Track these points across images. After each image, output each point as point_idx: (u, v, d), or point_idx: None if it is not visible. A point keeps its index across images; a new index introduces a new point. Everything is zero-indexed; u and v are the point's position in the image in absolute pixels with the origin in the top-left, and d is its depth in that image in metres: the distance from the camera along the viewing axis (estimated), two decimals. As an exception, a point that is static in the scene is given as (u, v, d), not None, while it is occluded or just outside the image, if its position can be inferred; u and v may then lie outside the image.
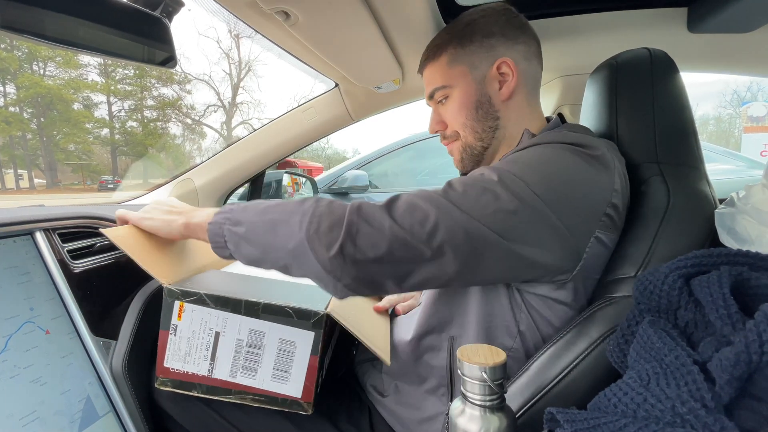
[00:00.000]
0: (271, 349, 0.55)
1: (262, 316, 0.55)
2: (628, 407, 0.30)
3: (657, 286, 0.37)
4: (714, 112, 21.31)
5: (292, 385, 0.56)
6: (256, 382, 0.56)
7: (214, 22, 22.41)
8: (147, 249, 0.59)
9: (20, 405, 0.48)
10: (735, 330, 0.29)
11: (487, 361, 0.37)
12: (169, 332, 0.55)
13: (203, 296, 0.54)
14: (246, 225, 0.48)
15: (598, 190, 0.50)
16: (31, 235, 0.57)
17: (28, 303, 0.53)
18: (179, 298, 0.54)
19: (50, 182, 18.25)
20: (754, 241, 0.48)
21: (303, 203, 0.47)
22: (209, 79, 20.96)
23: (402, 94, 1.17)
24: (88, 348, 0.57)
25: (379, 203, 0.46)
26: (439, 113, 0.67)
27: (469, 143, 0.65)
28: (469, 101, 0.63)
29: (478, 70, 0.62)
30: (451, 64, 0.63)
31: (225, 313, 0.55)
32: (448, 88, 0.64)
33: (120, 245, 0.55)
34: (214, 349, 0.55)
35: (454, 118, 0.65)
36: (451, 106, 0.64)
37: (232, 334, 0.55)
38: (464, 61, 0.62)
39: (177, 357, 0.55)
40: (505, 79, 0.61)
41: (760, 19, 0.78)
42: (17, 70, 17.77)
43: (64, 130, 18.20)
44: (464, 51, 0.62)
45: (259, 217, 0.48)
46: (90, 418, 0.54)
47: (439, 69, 0.64)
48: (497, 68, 0.61)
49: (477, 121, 0.63)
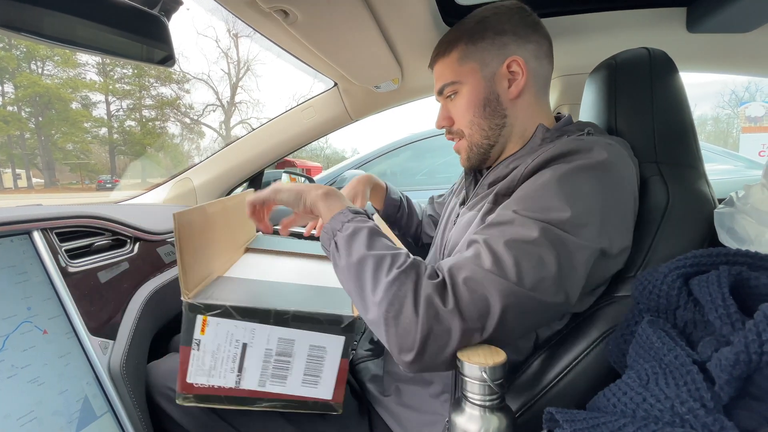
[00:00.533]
0: (302, 355, 0.54)
1: (291, 324, 0.53)
2: (627, 407, 0.30)
3: (656, 285, 0.37)
4: (712, 113, 21.36)
5: (322, 389, 0.55)
6: (286, 388, 0.55)
7: (213, 21, 22.38)
8: (196, 247, 0.57)
9: (18, 405, 0.47)
10: (734, 330, 0.29)
11: (487, 361, 0.37)
12: (192, 348, 0.52)
13: (229, 309, 0.51)
14: (343, 260, 0.49)
15: (629, 208, 0.52)
16: (28, 234, 0.57)
17: (25, 303, 0.53)
18: (202, 312, 0.51)
19: (48, 181, 18.19)
20: (754, 241, 0.48)
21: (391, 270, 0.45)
22: (208, 79, 20.92)
23: (401, 94, 1.17)
24: (86, 348, 0.56)
25: (442, 282, 0.44)
26: (447, 109, 0.67)
27: (475, 141, 0.65)
28: (477, 98, 0.62)
29: (488, 68, 0.61)
30: (461, 61, 0.63)
31: (252, 324, 0.52)
32: (458, 84, 0.63)
33: (179, 232, 0.52)
34: (241, 361, 0.53)
35: (462, 115, 0.64)
36: (460, 102, 0.64)
37: (261, 344, 0.53)
38: (475, 58, 0.62)
39: (201, 372, 0.53)
40: (515, 78, 0.61)
41: (758, 19, 0.78)
42: (15, 69, 17.71)
43: (62, 129, 18.14)
44: (475, 48, 0.61)
45: (354, 268, 0.48)
46: (88, 419, 0.53)
47: (450, 65, 0.64)
48: (507, 66, 0.60)
49: (484, 119, 0.63)
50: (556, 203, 0.46)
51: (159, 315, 0.73)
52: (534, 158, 0.53)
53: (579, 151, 0.50)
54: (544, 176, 0.49)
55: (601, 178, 0.49)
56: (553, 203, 0.46)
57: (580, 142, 0.51)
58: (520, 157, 0.60)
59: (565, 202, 0.46)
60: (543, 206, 0.46)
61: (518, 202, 0.49)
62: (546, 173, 0.50)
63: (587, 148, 0.50)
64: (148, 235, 0.79)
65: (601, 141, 0.53)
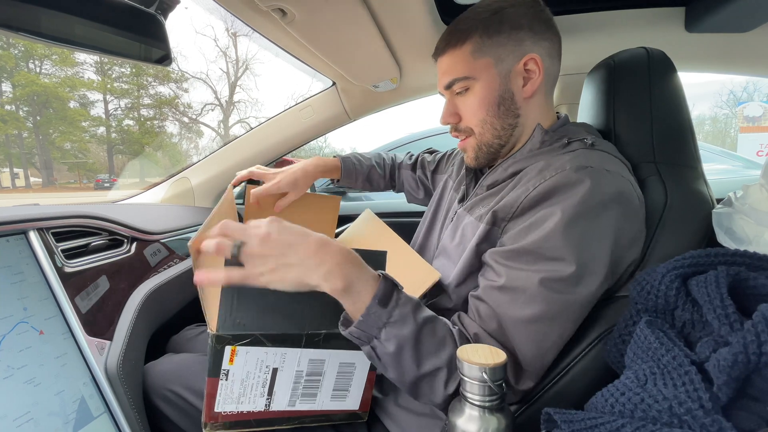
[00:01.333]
0: (332, 373, 0.54)
1: (322, 345, 0.52)
2: (626, 407, 0.30)
3: (654, 286, 0.37)
4: (710, 113, 21.40)
5: (350, 401, 0.56)
6: (315, 405, 0.55)
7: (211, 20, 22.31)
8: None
9: (14, 406, 0.47)
10: (733, 330, 0.29)
11: (487, 362, 0.37)
12: (220, 378, 0.50)
13: (259, 337, 0.49)
14: (391, 372, 0.48)
15: (640, 231, 0.53)
16: (24, 234, 0.57)
17: (21, 303, 0.52)
18: (230, 343, 0.49)
19: (46, 181, 18.14)
20: (752, 241, 0.48)
21: (448, 383, 0.47)
22: (206, 78, 20.85)
23: (399, 93, 1.17)
24: (83, 348, 0.56)
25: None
26: (455, 105, 0.63)
27: (486, 141, 0.62)
28: (491, 96, 0.59)
29: (503, 64, 0.58)
30: (475, 54, 0.58)
31: (283, 349, 0.51)
32: (470, 80, 0.59)
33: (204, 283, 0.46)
34: (271, 385, 0.52)
35: (473, 113, 0.61)
36: (471, 99, 0.60)
37: (291, 367, 0.52)
38: (490, 52, 0.58)
39: (229, 400, 0.51)
40: (530, 77, 0.58)
41: (757, 19, 0.78)
42: (13, 68, 17.64)
43: (60, 128, 18.08)
44: (491, 42, 0.57)
45: (406, 385, 0.48)
46: (84, 419, 0.53)
47: (462, 58, 0.59)
48: (524, 64, 0.58)
49: (497, 118, 0.60)
50: (562, 255, 0.47)
51: (156, 315, 0.72)
52: (538, 180, 0.51)
53: (584, 181, 0.48)
54: (551, 219, 0.48)
55: (611, 215, 0.49)
56: (559, 254, 0.47)
57: (585, 173, 0.49)
58: (519, 161, 0.59)
59: (572, 254, 0.47)
60: (549, 258, 0.48)
61: (523, 257, 0.49)
62: (552, 213, 0.48)
63: (595, 178, 0.49)
64: (145, 235, 0.79)
65: (605, 160, 0.52)
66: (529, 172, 0.55)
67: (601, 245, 0.48)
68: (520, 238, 0.51)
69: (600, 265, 0.49)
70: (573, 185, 0.49)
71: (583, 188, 0.48)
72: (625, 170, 0.54)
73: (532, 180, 0.52)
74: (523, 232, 0.50)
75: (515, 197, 0.53)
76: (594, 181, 0.48)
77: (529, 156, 0.58)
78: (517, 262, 0.50)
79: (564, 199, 0.48)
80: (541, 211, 0.50)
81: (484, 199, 0.61)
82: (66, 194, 16.07)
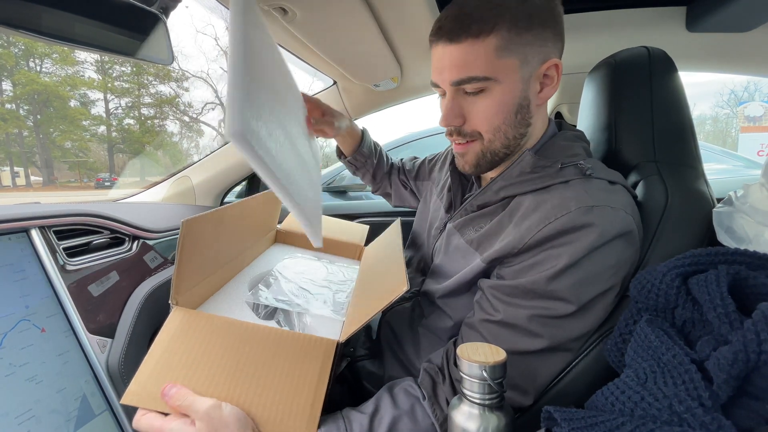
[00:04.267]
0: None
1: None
2: (626, 406, 0.30)
3: (655, 285, 0.37)
4: (711, 112, 21.40)
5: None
6: None
7: (212, 19, 22.30)
8: (195, 257, 0.54)
9: (16, 403, 0.47)
10: (733, 329, 0.29)
11: (487, 360, 0.37)
12: None
13: None
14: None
15: (632, 261, 0.52)
16: (26, 232, 0.57)
17: (23, 301, 0.53)
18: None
19: (47, 180, 18.13)
20: (752, 240, 0.48)
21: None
22: (207, 77, 20.87)
23: (400, 92, 1.17)
24: (84, 346, 0.56)
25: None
26: (461, 105, 0.54)
27: (493, 148, 0.55)
28: (511, 103, 0.52)
29: (527, 67, 0.51)
30: (500, 52, 0.49)
31: None
32: (491, 81, 0.50)
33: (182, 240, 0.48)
34: None
35: (486, 119, 0.53)
36: (487, 103, 0.52)
37: None
38: (517, 51, 0.49)
39: None
40: (547, 83, 0.53)
41: (758, 18, 0.78)
42: (13, 67, 17.64)
43: (60, 127, 18.08)
44: (520, 40, 0.49)
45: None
46: (86, 417, 0.53)
47: (484, 53, 0.49)
48: (546, 69, 0.52)
49: (512, 127, 0.53)
50: (564, 296, 0.48)
51: (157, 313, 0.72)
52: (541, 221, 0.49)
53: (591, 225, 0.47)
54: (556, 261, 0.48)
55: (614, 253, 0.49)
56: (561, 296, 0.48)
57: (592, 215, 0.48)
58: (511, 185, 0.56)
59: (574, 295, 0.48)
60: (550, 298, 0.48)
61: (524, 294, 0.50)
62: (559, 255, 0.48)
63: (601, 220, 0.48)
64: (146, 234, 0.79)
65: (606, 192, 0.51)
66: (526, 204, 0.53)
67: (605, 284, 0.49)
68: (521, 275, 0.50)
69: (601, 304, 0.50)
70: (580, 229, 0.47)
71: (590, 234, 0.47)
72: (624, 195, 0.53)
73: (534, 219, 0.50)
74: (526, 269, 0.50)
75: (518, 238, 0.50)
76: (600, 224, 0.47)
77: (520, 181, 0.55)
78: (517, 298, 0.50)
79: (570, 242, 0.48)
80: (546, 252, 0.49)
81: (474, 219, 0.60)
82: (66, 193, 16.06)
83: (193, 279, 0.55)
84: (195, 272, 0.55)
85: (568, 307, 0.48)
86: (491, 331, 0.51)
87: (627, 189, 0.55)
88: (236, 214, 0.64)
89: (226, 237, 0.63)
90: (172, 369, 0.45)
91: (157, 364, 0.45)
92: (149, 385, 0.43)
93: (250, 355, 0.48)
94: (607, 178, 0.54)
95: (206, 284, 0.59)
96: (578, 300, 0.48)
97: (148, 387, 0.43)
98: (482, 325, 0.52)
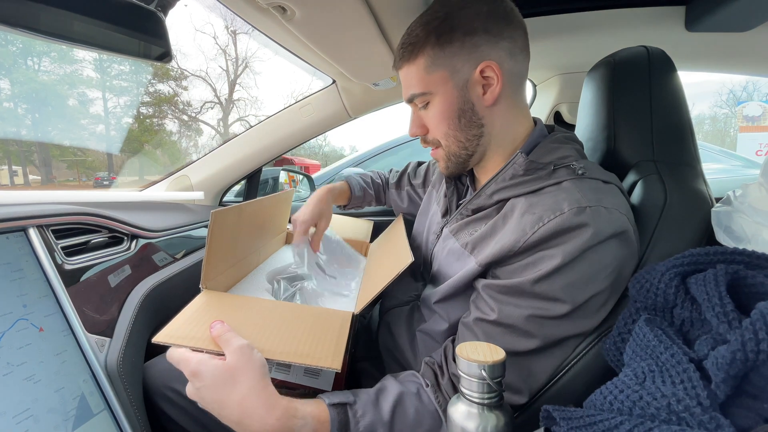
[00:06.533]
0: (300, 367, 0.58)
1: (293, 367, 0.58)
2: (624, 405, 0.30)
3: (653, 284, 0.37)
4: (710, 112, 21.43)
5: (323, 381, 0.58)
6: (290, 377, 0.58)
7: (211, 17, 22.24)
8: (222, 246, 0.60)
9: (13, 403, 0.47)
10: (731, 328, 0.29)
11: (486, 359, 0.37)
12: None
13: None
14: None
15: (635, 256, 0.53)
16: (24, 231, 0.56)
17: (21, 300, 0.52)
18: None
19: (45, 178, 18.08)
20: (751, 240, 0.48)
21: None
22: (206, 76, 20.81)
23: (399, 91, 1.16)
24: (83, 345, 0.56)
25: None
26: (419, 117, 0.62)
27: (453, 152, 0.61)
28: (450, 109, 0.57)
29: (459, 74, 0.55)
30: (429, 69, 0.56)
31: None
32: (428, 95, 0.58)
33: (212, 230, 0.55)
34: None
35: (436, 127, 0.60)
36: (433, 113, 0.59)
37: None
38: (444, 64, 0.55)
39: None
40: (489, 84, 0.55)
41: (757, 18, 0.78)
42: (12, 65, 17.60)
43: (59, 126, 18.07)
44: (443, 53, 0.55)
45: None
46: (84, 416, 0.53)
47: (417, 73, 0.57)
48: (480, 72, 0.54)
49: (460, 131, 0.58)
50: (558, 296, 0.48)
51: (156, 313, 0.72)
52: (536, 224, 0.49)
53: (585, 225, 0.47)
54: (550, 261, 0.48)
55: (609, 253, 0.49)
56: (555, 296, 0.48)
57: (585, 216, 0.48)
58: (504, 189, 0.56)
59: (568, 295, 0.48)
60: (544, 298, 0.49)
61: (518, 294, 0.50)
62: (553, 256, 0.48)
63: (595, 220, 0.48)
64: (145, 233, 0.78)
65: (600, 192, 0.51)
66: (519, 206, 0.53)
67: (600, 284, 0.49)
68: (516, 274, 0.51)
69: (597, 304, 0.50)
70: (573, 230, 0.48)
71: (584, 234, 0.47)
72: (617, 195, 0.53)
73: (528, 221, 0.50)
74: (520, 269, 0.50)
75: (513, 240, 0.51)
76: (594, 224, 0.48)
77: (514, 183, 0.56)
78: (512, 297, 0.50)
79: (564, 243, 0.48)
80: (540, 252, 0.49)
81: (469, 223, 0.61)
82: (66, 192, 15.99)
83: (219, 267, 0.60)
84: (221, 261, 0.61)
85: (563, 308, 0.48)
86: (486, 331, 0.52)
87: (620, 190, 0.55)
88: (254, 211, 0.69)
89: (246, 231, 0.69)
90: (204, 320, 0.50)
91: (190, 317, 0.50)
92: (181, 329, 0.48)
93: (275, 317, 0.55)
94: (601, 178, 0.54)
95: (229, 274, 0.64)
96: (573, 300, 0.48)
97: (180, 330, 0.47)
98: (477, 324, 0.53)
